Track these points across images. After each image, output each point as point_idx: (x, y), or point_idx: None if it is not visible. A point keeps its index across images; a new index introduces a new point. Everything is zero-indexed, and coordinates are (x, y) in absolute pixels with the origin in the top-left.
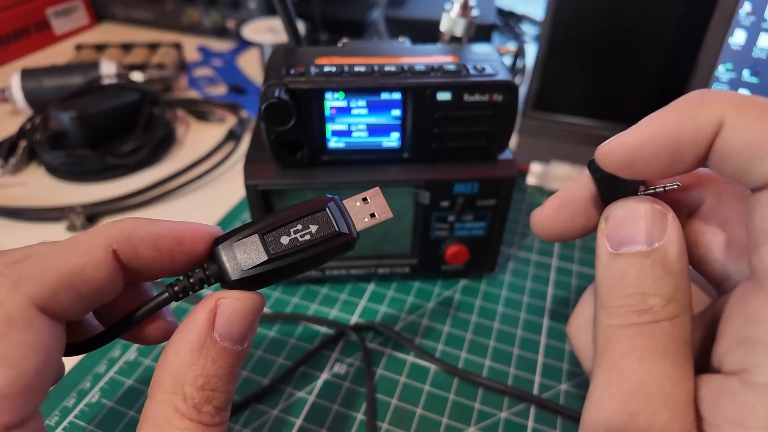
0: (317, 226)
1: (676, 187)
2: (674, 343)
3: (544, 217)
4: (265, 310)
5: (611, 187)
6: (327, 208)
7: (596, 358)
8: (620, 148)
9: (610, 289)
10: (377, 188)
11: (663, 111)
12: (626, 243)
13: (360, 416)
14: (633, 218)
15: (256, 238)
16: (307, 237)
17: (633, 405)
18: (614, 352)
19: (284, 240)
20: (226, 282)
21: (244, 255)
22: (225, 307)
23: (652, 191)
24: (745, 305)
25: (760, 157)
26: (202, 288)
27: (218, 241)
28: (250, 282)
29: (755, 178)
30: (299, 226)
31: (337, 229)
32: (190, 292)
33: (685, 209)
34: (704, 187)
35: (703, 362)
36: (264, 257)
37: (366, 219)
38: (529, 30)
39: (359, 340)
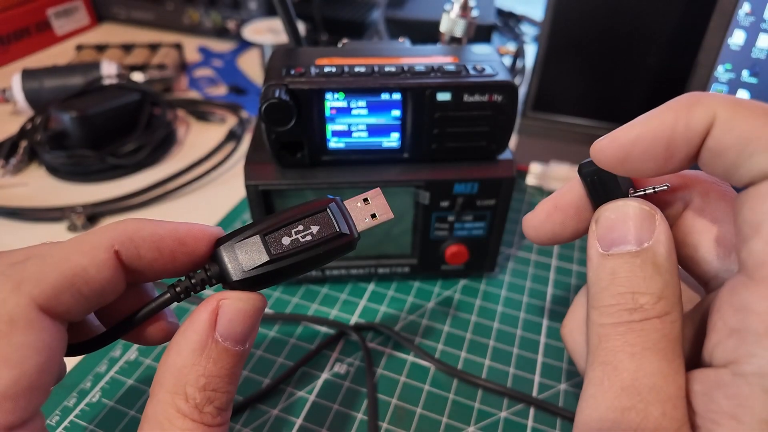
0: (318, 227)
1: (665, 188)
2: (665, 339)
3: (536, 222)
4: (266, 310)
5: (601, 190)
6: (328, 209)
7: (589, 356)
8: (614, 144)
9: (601, 289)
10: (378, 189)
11: (657, 110)
12: (616, 244)
13: (360, 416)
14: (622, 219)
15: (257, 238)
16: (309, 238)
17: (625, 400)
18: (606, 349)
19: (285, 241)
20: (227, 283)
21: (246, 256)
22: (227, 307)
23: (642, 193)
24: (736, 298)
25: (749, 154)
26: (204, 289)
27: (220, 241)
28: (251, 283)
29: (744, 175)
30: (300, 227)
31: (338, 229)
32: (192, 293)
33: (672, 210)
34: (691, 188)
35: (694, 359)
36: (265, 258)
37: (367, 220)
38: (528, 31)
39: (360, 340)
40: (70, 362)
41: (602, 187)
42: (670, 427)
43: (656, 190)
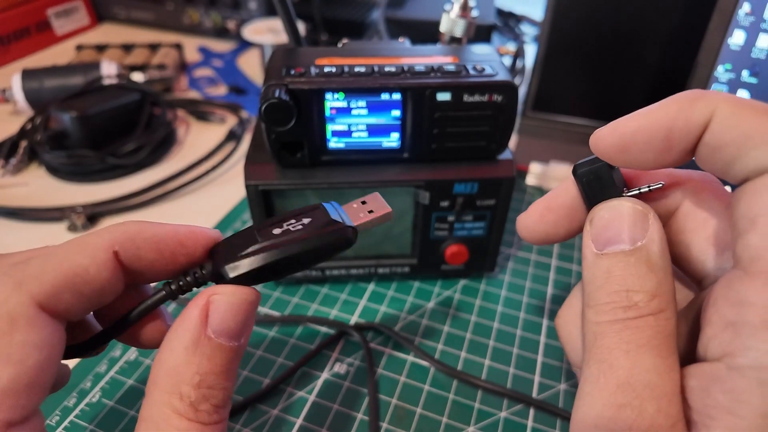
0: (311, 219)
1: (660, 185)
2: (659, 336)
3: (529, 223)
4: (267, 311)
5: (596, 190)
6: (323, 205)
7: (585, 354)
8: (615, 134)
9: (596, 288)
10: (376, 193)
11: (659, 103)
12: (611, 243)
13: (360, 416)
14: (616, 219)
15: (251, 232)
16: (300, 227)
17: (621, 397)
18: (602, 347)
19: (279, 233)
20: (223, 280)
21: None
22: (218, 303)
23: (636, 192)
24: (732, 292)
25: (747, 150)
26: (199, 286)
27: (218, 242)
28: (246, 278)
29: (740, 170)
30: (294, 221)
31: (332, 218)
32: (187, 290)
33: (664, 210)
34: (682, 187)
35: (690, 355)
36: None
37: (362, 214)
38: (528, 30)
39: (361, 340)
40: (70, 362)
41: (597, 187)
42: (664, 424)
43: (651, 188)
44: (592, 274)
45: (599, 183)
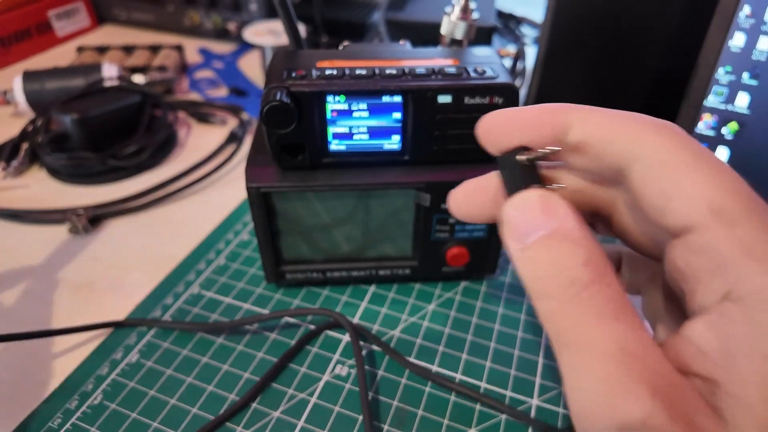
0: None
1: (563, 187)
2: (611, 301)
3: (457, 200)
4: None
5: (510, 184)
6: None
7: (555, 349)
8: (498, 115)
9: (534, 279)
10: None
11: (536, 106)
12: (528, 233)
13: (362, 418)
14: (523, 210)
15: None
16: None
17: (608, 368)
18: (565, 331)
19: None
20: None
21: None
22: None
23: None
24: (697, 248)
25: (608, 144)
26: None
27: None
28: None
29: (608, 165)
30: None
31: None
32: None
33: (607, 199)
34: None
35: (677, 322)
36: None
37: None
38: (529, 32)
39: (354, 345)
40: (72, 364)
41: (511, 181)
42: (665, 373)
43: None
44: (525, 269)
45: (512, 177)
